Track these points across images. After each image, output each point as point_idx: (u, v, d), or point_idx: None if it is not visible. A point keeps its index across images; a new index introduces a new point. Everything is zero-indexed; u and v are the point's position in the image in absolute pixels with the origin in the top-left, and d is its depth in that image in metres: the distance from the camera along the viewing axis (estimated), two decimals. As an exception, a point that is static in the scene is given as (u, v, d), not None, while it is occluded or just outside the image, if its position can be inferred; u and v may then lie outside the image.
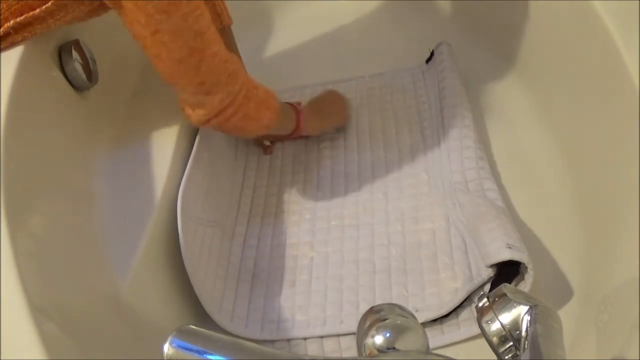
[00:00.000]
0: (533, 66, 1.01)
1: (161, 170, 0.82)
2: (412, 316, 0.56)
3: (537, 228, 0.82)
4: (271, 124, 0.82)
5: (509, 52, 1.09)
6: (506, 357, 0.44)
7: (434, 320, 0.75)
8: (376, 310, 0.57)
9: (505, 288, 0.46)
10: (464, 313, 0.75)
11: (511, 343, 0.44)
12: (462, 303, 0.75)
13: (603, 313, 0.64)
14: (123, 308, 0.68)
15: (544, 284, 0.74)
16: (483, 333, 0.45)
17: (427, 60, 1.13)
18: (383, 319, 0.54)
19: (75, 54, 0.81)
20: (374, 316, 0.55)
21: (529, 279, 0.71)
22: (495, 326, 0.44)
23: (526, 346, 0.42)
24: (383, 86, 1.11)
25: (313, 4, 1.28)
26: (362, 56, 1.06)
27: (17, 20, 0.71)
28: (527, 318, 0.43)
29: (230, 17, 0.96)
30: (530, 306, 0.44)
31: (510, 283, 0.73)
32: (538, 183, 0.89)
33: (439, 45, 1.11)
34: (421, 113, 1.03)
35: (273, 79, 1.18)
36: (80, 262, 0.66)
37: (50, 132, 0.75)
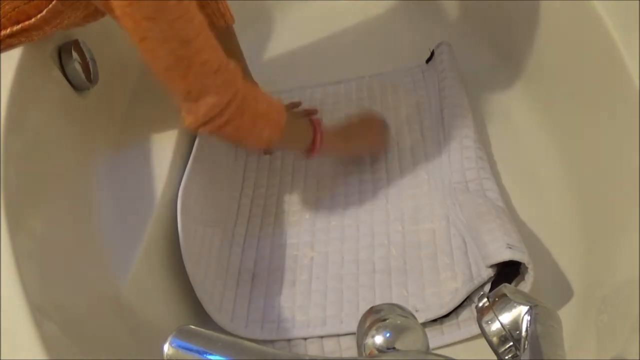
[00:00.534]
0: (533, 66, 1.01)
1: (161, 170, 0.82)
2: (412, 316, 0.56)
3: (537, 228, 0.82)
4: (273, 140, 0.77)
5: (509, 53, 1.09)
6: (506, 357, 0.44)
7: (434, 320, 0.75)
8: (376, 310, 0.57)
9: (505, 288, 0.46)
10: (464, 313, 0.75)
11: (511, 343, 0.44)
12: (462, 303, 0.75)
13: (603, 313, 0.64)
14: (123, 308, 0.68)
15: (544, 284, 0.74)
16: (483, 333, 0.45)
17: (427, 60, 1.13)
18: (383, 319, 0.54)
19: (75, 54, 0.81)
20: (374, 316, 0.55)
21: (529, 279, 0.71)
22: (495, 326, 0.44)
23: (526, 346, 0.42)
24: (383, 86, 1.11)
25: (313, 4, 1.28)
26: (362, 56, 1.06)
27: (14, 28, 0.71)
28: (527, 318, 0.43)
29: (232, 16, 0.95)
30: (530, 306, 0.44)
31: (510, 283, 0.73)
32: (538, 183, 0.89)
33: (439, 45, 1.11)
34: (421, 113, 1.03)
35: (273, 79, 1.19)
36: (80, 262, 0.66)
37: (50, 132, 0.75)
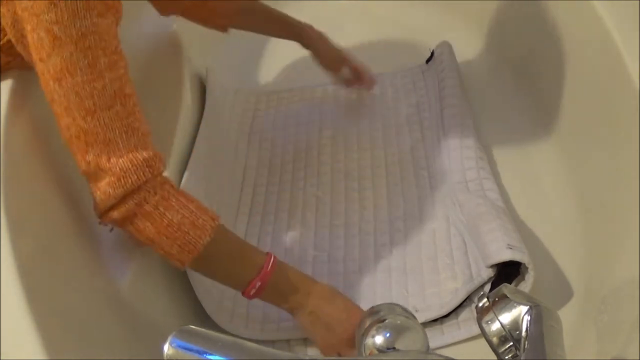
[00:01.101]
0: (533, 66, 1.01)
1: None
2: (412, 316, 0.56)
3: (537, 228, 0.82)
4: (185, 264, 0.63)
5: (509, 53, 1.09)
6: (506, 357, 0.44)
7: (434, 320, 0.74)
8: (376, 310, 0.57)
9: (505, 288, 0.46)
10: (464, 313, 0.75)
11: (511, 343, 0.44)
12: (462, 303, 0.75)
13: (603, 313, 0.64)
14: (123, 308, 0.68)
15: (544, 284, 0.74)
16: (483, 333, 0.45)
17: (427, 60, 1.13)
18: (383, 319, 0.55)
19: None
20: (374, 316, 0.56)
21: (530, 279, 0.71)
22: (495, 326, 0.44)
23: (526, 346, 0.42)
24: (383, 86, 1.11)
25: (314, 4, 1.28)
26: (363, 56, 1.06)
27: None
28: (527, 318, 0.43)
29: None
30: (530, 306, 0.44)
31: (510, 283, 0.73)
32: (538, 183, 0.89)
33: (439, 45, 1.12)
34: (421, 113, 1.04)
35: (273, 79, 1.19)
36: (80, 263, 0.66)
37: (50, 132, 0.75)
